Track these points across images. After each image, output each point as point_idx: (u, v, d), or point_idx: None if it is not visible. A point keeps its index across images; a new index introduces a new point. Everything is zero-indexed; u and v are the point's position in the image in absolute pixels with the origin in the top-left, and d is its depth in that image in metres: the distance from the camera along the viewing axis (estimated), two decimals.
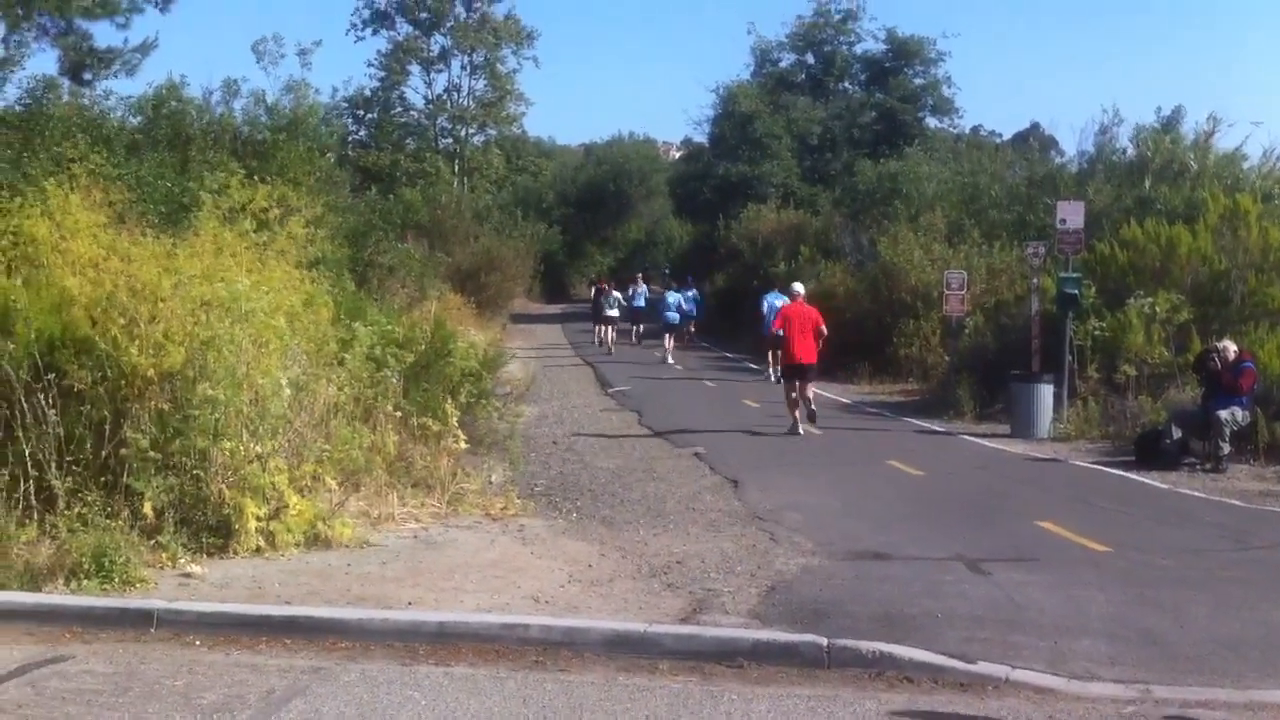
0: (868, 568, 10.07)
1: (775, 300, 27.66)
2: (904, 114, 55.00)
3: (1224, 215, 21.92)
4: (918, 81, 56.79)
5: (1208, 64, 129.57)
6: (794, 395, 19.28)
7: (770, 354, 20.13)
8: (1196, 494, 14.20)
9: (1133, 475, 15.47)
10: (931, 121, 57.14)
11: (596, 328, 39.15)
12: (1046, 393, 19.37)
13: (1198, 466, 15.86)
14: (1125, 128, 32.21)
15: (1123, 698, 6.95)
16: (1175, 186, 27.24)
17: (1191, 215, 23.32)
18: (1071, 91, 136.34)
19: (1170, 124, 31.36)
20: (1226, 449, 15.73)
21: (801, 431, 19.00)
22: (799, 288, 20.90)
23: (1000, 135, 61.44)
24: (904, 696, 7.02)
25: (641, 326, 41.06)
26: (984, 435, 19.48)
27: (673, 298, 37.62)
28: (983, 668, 7.33)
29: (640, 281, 42.80)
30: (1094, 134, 33.16)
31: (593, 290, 44.66)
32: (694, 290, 40.51)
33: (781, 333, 19.49)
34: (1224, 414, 15.74)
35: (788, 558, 10.32)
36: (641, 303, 41.17)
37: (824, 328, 19.38)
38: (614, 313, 38.36)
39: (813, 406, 19.44)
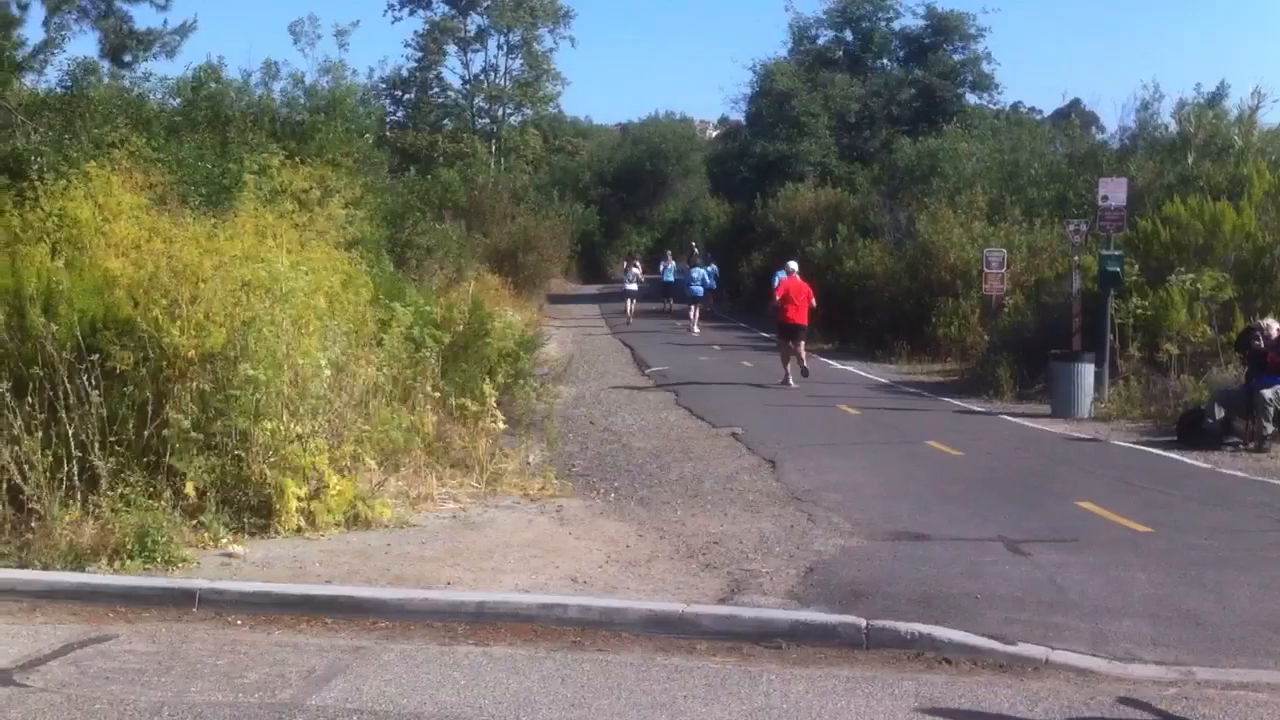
0: (906, 548, 10.04)
1: (698, 270, 38.56)
2: (943, 90, 54.45)
3: (1269, 191, 21.67)
4: (957, 58, 56.18)
5: (1252, 38, 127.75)
6: (789, 351, 23.48)
7: (783, 341, 23.93)
8: (1239, 474, 14.06)
9: (1174, 455, 15.34)
10: (971, 98, 56.50)
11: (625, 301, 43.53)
12: (1087, 372, 19.22)
13: (1240, 446, 15.69)
14: (1167, 103, 31.96)
15: (1165, 679, 6.91)
16: (1219, 162, 26.99)
17: (1235, 191, 23.07)
18: (1113, 67, 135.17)
19: (1214, 99, 31.05)
20: (1270, 428, 15.55)
21: (793, 384, 22.98)
22: (794, 265, 25.12)
23: (1040, 112, 61.03)
24: (943, 678, 7.00)
25: (673, 300, 43.93)
26: (1024, 415, 19.36)
27: (698, 273, 40.40)
28: (1023, 649, 7.31)
29: (669, 258, 47.74)
30: (1135, 110, 32.93)
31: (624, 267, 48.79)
32: (714, 265, 44.06)
33: (780, 300, 23.58)
34: (1267, 393, 15.56)
35: (826, 538, 10.30)
36: (670, 277, 45.45)
37: (814, 300, 23.64)
38: (633, 287, 43.06)
39: (805, 364, 23.49)
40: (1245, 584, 8.88)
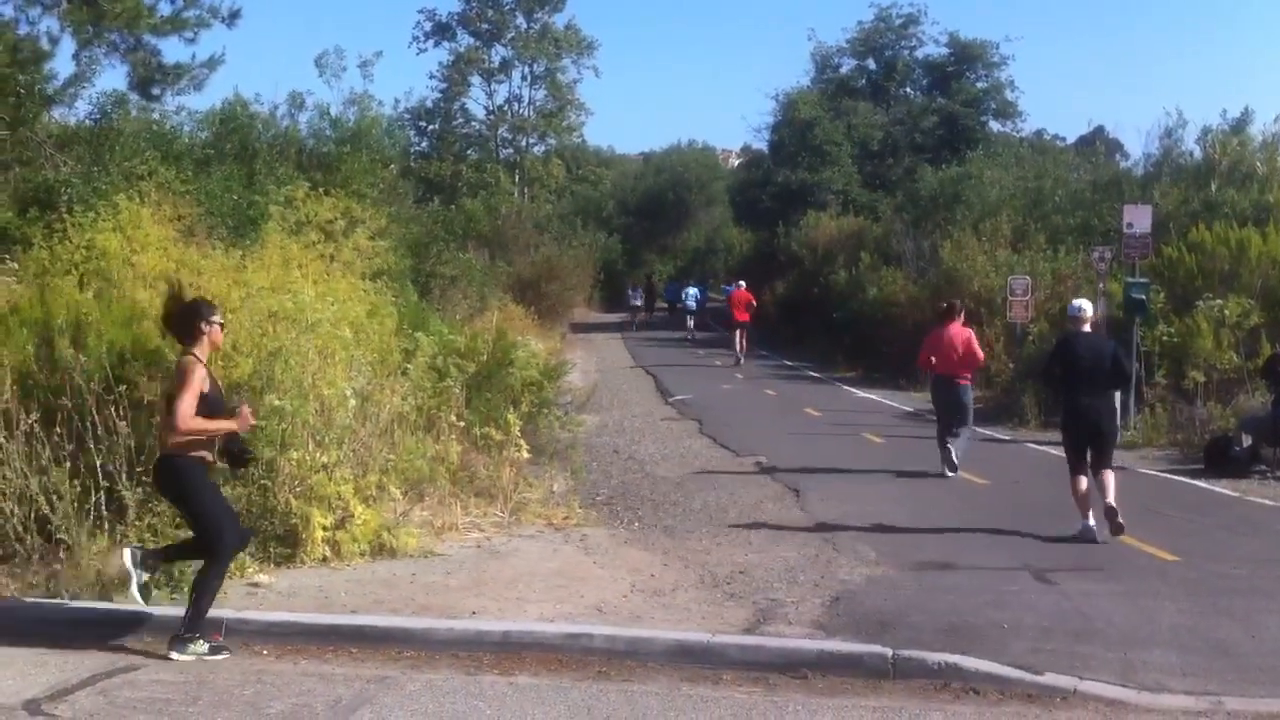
0: (932, 577, 10.00)
1: (691, 289, 50.08)
2: (966, 118, 54.45)
3: None
4: (980, 85, 56.20)
5: (1277, 64, 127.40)
6: (739, 340, 35.34)
7: (732, 332, 35.92)
8: (1267, 502, 13.97)
9: (1201, 483, 15.25)
10: (994, 125, 56.51)
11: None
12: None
13: (1268, 474, 15.59)
14: (1191, 130, 31.91)
15: (1194, 709, 6.86)
16: (1243, 189, 26.90)
17: (1261, 218, 23.02)
18: (1136, 94, 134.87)
19: (1238, 126, 30.97)
20: None
21: (742, 362, 34.66)
22: (742, 283, 38.23)
23: (1064, 139, 60.91)
24: (970, 708, 6.97)
25: (667, 312, 57.52)
26: (1049, 443, 19.15)
27: (691, 291, 50.06)
28: (1050, 679, 7.26)
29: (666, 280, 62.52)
30: (1159, 137, 32.85)
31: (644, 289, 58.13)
32: (699, 287, 54.50)
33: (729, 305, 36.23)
34: None
35: (851, 567, 10.27)
36: (670, 297, 58.67)
37: (754, 303, 36.65)
38: (638, 302, 54.46)
39: (743, 356, 35.25)
40: (1274, 613, 8.82)
